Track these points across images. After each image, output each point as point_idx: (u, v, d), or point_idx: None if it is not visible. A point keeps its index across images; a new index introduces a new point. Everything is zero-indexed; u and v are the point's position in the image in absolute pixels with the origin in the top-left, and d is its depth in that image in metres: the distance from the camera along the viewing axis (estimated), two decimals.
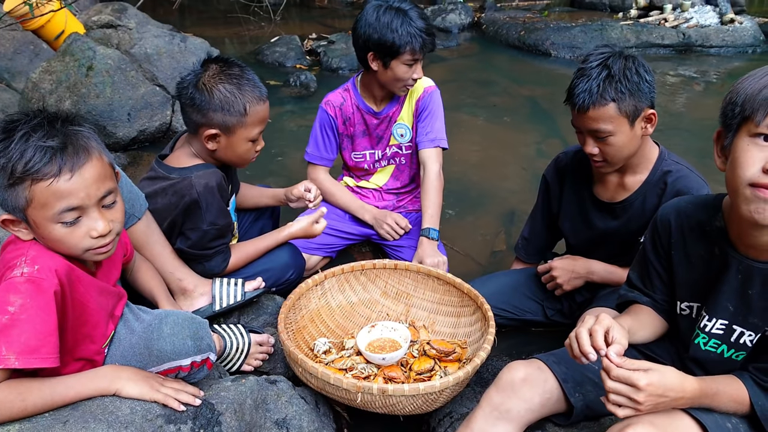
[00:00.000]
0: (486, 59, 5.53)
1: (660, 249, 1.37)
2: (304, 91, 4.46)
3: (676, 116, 4.14)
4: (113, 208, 1.24)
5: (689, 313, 1.35)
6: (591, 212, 1.83)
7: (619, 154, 1.64)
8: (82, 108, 3.18)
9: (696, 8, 5.74)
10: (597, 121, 1.58)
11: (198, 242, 1.75)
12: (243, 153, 1.76)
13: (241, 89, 1.68)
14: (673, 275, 1.36)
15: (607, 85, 1.54)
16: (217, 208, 1.72)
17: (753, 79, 1.07)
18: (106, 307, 1.31)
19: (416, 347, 1.76)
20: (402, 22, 2.07)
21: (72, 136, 1.17)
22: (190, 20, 6.95)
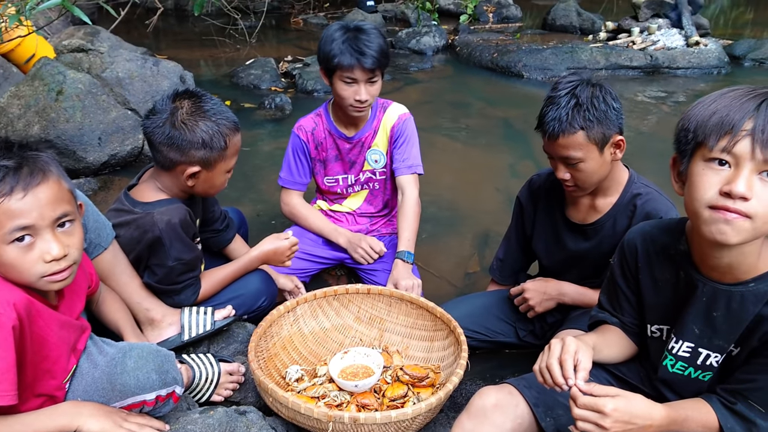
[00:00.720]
0: (460, 81, 5.59)
1: (628, 273, 1.39)
2: (279, 113, 4.46)
3: (646, 136, 4.23)
4: (70, 234, 1.21)
5: (660, 335, 1.36)
6: (564, 234, 1.85)
7: (589, 180, 1.67)
8: (51, 132, 3.14)
9: (662, 31, 5.89)
10: (567, 148, 1.61)
11: (165, 278, 1.71)
12: (220, 184, 1.76)
13: (219, 124, 1.65)
14: (642, 299, 1.37)
15: (575, 114, 1.57)
16: (182, 244, 1.67)
17: (703, 106, 1.09)
18: (68, 340, 1.28)
19: (389, 373, 1.74)
20: (345, 39, 2.07)
21: (29, 159, 1.16)
22: (165, 42, 6.93)
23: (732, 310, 1.19)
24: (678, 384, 1.33)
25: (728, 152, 1.03)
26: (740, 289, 1.17)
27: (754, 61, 5.89)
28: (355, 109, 2.17)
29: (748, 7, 9.47)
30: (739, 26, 8.01)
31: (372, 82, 2.13)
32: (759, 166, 1.02)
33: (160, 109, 1.66)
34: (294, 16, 8.11)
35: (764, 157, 1.00)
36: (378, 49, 2.07)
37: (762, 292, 1.15)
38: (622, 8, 8.23)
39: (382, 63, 2.10)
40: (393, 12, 7.99)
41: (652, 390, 1.39)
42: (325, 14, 8.16)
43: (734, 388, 1.22)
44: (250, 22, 7.05)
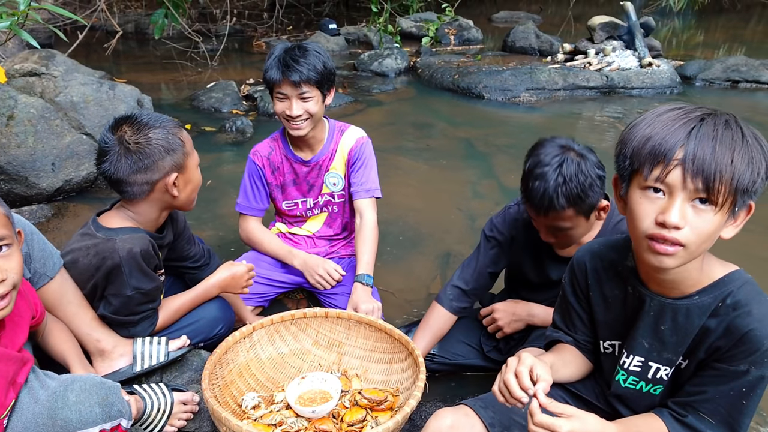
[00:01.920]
0: (422, 102, 5.65)
1: (578, 291, 1.40)
2: (240, 136, 4.43)
3: (603, 155, 4.30)
4: (7, 258, 1.18)
5: (612, 351, 1.38)
6: (548, 264, 1.86)
7: (575, 241, 1.73)
8: (2, 158, 3.05)
9: (617, 53, 6.07)
10: (555, 220, 1.64)
11: (123, 308, 1.65)
12: (197, 179, 1.76)
13: (164, 127, 1.65)
14: (593, 316, 1.39)
15: (561, 193, 1.57)
16: (141, 273, 1.63)
17: (637, 129, 1.11)
18: (6, 374, 1.23)
19: (348, 397, 1.72)
20: (278, 56, 2.09)
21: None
22: (125, 66, 6.85)
23: (678, 324, 1.21)
24: (631, 399, 1.34)
25: (661, 182, 1.06)
26: (685, 302, 1.19)
27: (704, 81, 6.11)
28: (290, 125, 2.15)
29: (699, 30, 9.85)
30: (690, 48, 8.31)
31: (304, 98, 2.11)
32: (691, 195, 1.04)
33: (108, 147, 1.62)
34: (257, 39, 8.12)
35: (695, 186, 1.03)
36: (308, 65, 2.06)
37: (706, 304, 1.18)
38: (580, 31, 8.48)
39: (312, 79, 2.07)
40: (356, 35, 8.07)
41: (607, 406, 1.40)
42: (287, 37, 8.19)
43: (684, 401, 1.23)
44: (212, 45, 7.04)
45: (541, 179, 1.59)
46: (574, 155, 1.60)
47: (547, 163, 1.59)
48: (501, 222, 1.91)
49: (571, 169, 1.57)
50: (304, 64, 2.05)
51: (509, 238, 1.90)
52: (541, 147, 1.65)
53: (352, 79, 6.26)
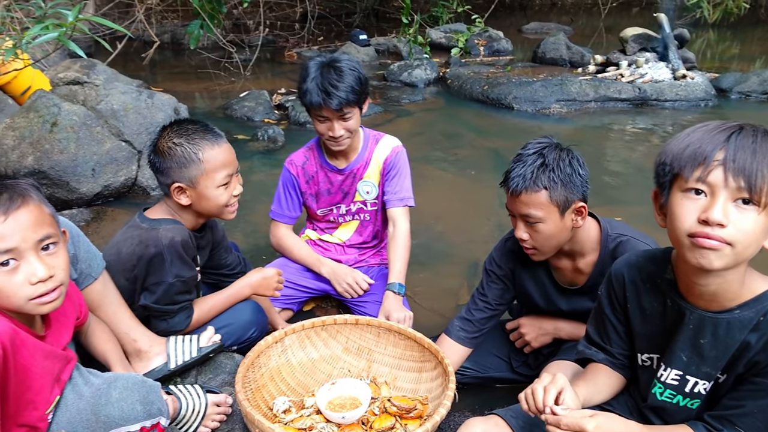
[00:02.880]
0: (451, 113, 5.67)
1: (616, 303, 1.40)
2: (272, 144, 4.50)
3: (636, 167, 4.28)
4: (55, 255, 1.22)
5: (650, 364, 1.37)
6: (555, 297, 1.84)
7: (548, 243, 1.65)
8: (45, 164, 3.16)
9: (650, 64, 6.01)
10: (528, 206, 1.60)
11: (164, 296, 1.74)
12: (216, 199, 1.77)
13: (191, 140, 1.73)
14: (631, 328, 1.39)
15: (540, 173, 1.57)
16: (181, 261, 1.73)
17: (677, 141, 1.15)
18: (52, 371, 1.28)
19: (377, 404, 1.74)
20: (315, 77, 2.09)
21: (8, 186, 1.18)
22: (161, 75, 7.02)
23: (718, 338, 1.20)
24: (667, 412, 1.34)
25: (703, 181, 1.07)
26: (726, 316, 1.19)
27: (740, 94, 6.00)
28: (332, 143, 2.20)
29: (734, 42, 9.68)
30: (726, 60, 8.18)
31: (344, 118, 2.14)
32: (733, 194, 1.05)
33: (155, 141, 1.78)
34: (288, 50, 8.24)
35: (737, 184, 1.04)
36: (346, 88, 2.07)
37: (747, 319, 1.17)
38: (611, 42, 8.41)
39: (352, 100, 2.09)
40: (385, 46, 8.14)
41: (642, 419, 1.40)
42: (318, 48, 8.29)
43: (721, 414, 1.23)
44: (245, 56, 7.16)
45: (521, 160, 1.61)
46: (559, 148, 1.62)
47: (529, 149, 1.63)
48: (499, 255, 1.89)
49: (553, 155, 1.59)
50: (343, 89, 2.06)
51: (510, 271, 1.87)
52: (530, 141, 1.67)
53: (381, 89, 6.31)
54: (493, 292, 1.88)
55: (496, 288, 1.88)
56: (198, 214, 1.82)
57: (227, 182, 1.78)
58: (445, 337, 1.92)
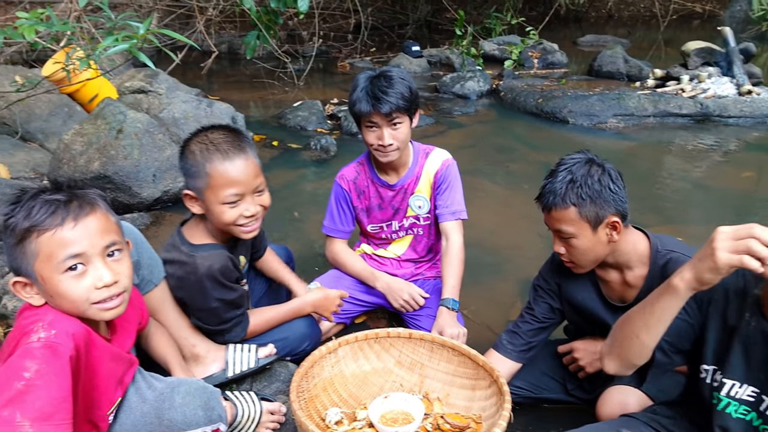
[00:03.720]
0: (504, 126, 5.62)
1: (698, 298, 1.34)
2: (324, 154, 4.55)
3: (697, 185, 4.14)
4: (120, 262, 1.26)
5: (705, 376, 1.33)
6: (603, 313, 1.79)
7: (583, 257, 1.65)
8: (110, 168, 3.28)
9: (713, 79, 5.82)
10: (560, 221, 1.61)
11: (212, 319, 1.76)
12: (219, 216, 1.66)
13: (204, 150, 1.63)
14: (704, 333, 1.34)
15: (569, 190, 1.58)
16: (221, 287, 1.72)
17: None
18: (116, 373, 1.32)
19: (430, 420, 1.72)
20: (365, 86, 2.10)
21: (78, 195, 1.23)
22: (217, 84, 7.21)
23: None
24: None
25: None
26: None
27: None
28: (381, 153, 2.18)
29: None
30: None
31: (394, 125, 2.13)
32: None
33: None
34: (341, 60, 8.33)
35: None
36: (396, 95, 2.07)
37: None
38: (671, 56, 8.19)
39: (402, 107, 2.09)
40: (438, 57, 8.14)
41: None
42: (371, 59, 8.36)
43: None
44: (298, 66, 7.28)
45: (552, 176, 1.63)
46: (592, 164, 1.61)
47: (562, 165, 1.64)
48: (546, 270, 1.90)
49: (581, 171, 1.59)
50: (392, 94, 2.07)
51: (556, 286, 1.86)
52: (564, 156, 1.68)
53: (433, 100, 6.31)
54: (540, 307, 1.88)
55: (542, 302, 1.88)
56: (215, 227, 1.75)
57: (234, 201, 1.65)
58: (492, 351, 1.91)
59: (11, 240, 1.19)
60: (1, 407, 1.08)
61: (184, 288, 1.73)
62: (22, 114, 4.14)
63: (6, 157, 3.71)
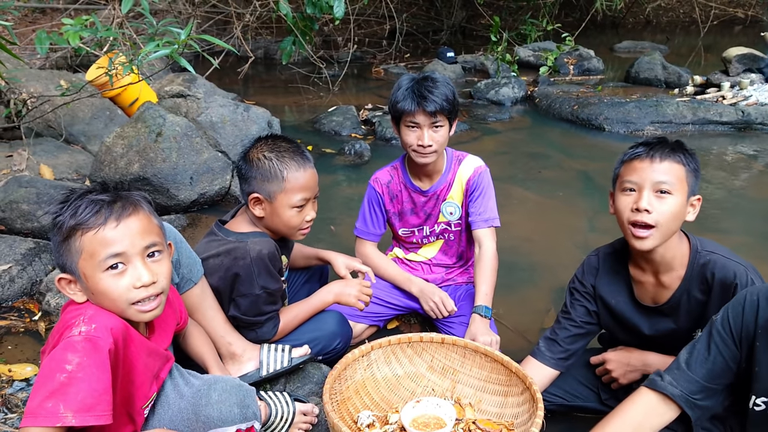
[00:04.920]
0: (538, 132, 5.57)
1: (737, 334, 1.30)
2: (358, 159, 4.58)
3: (737, 194, 4.04)
4: (159, 263, 1.29)
5: (765, 409, 1.28)
6: (635, 317, 1.76)
7: (669, 222, 1.56)
8: (149, 171, 3.36)
9: (755, 86, 5.67)
10: (667, 173, 1.55)
11: (250, 308, 1.79)
12: (288, 220, 1.82)
13: (280, 157, 1.79)
14: (752, 366, 1.29)
15: (679, 150, 1.59)
16: (268, 274, 1.78)
17: None
18: (152, 368, 1.35)
19: (461, 426, 1.72)
20: (409, 86, 2.13)
21: (123, 196, 1.27)
22: (253, 89, 7.32)
23: None
24: None
25: None
26: None
27: None
28: (419, 155, 2.18)
29: None
30: None
31: (436, 127, 2.15)
32: None
33: (246, 150, 1.85)
34: (375, 66, 8.38)
35: None
36: (441, 95, 2.10)
37: None
38: (710, 62, 8.01)
39: (446, 109, 2.12)
40: (472, 63, 8.11)
41: None
42: (405, 64, 8.39)
43: None
44: (333, 71, 7.35)
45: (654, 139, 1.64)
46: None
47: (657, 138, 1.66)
48: (581, 273, 1.87)
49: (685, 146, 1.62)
50: (438, 94, 2.10)
51: (591, 288, 1.83)
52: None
53: (468, 106, 6.29)
54: (577, 311, 1.85)
55: (579, 306, 1.85)
56: (269, 229, 1.87)
57: (302, 205, 1.81)
58: (530, 359, 1.88)
59: (58, 237, 1.24)
60: (45, 398, 1.12)
61: (228, 276, 1.77)
62: (66, 117, 4.27)
63: (50, 158, 3.83)
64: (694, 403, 1.34)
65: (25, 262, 2.61)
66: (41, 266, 2.65)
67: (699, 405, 1.34)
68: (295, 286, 2.25)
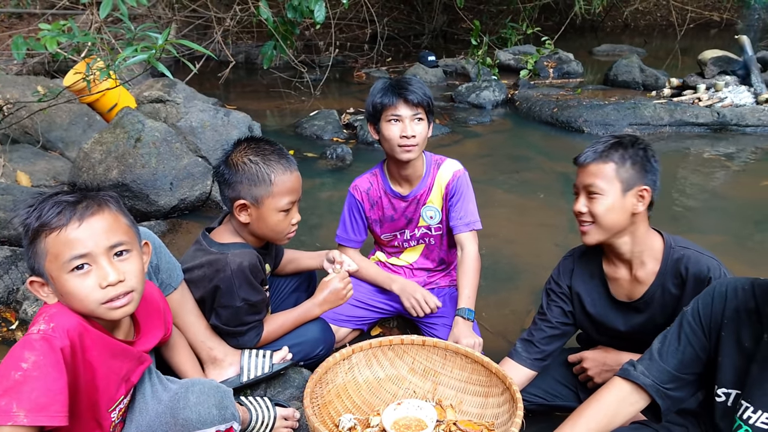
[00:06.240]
0: (519, 135, 5.62)
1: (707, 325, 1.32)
2: (340, 163, 4.58)
3: (714, 194, 4.11)
4: (127, 261, 1.28)
5: (725, 400, 1.30)
6: (611, 314, 1.80)
7: (604, 218, 1.66)
8: (128, 177, 3.33)
9: (730, 88, 5.77)
10: (594, 176, 1.66)
11: (232, 319, 1.78)
12: (275, 225, 1.80)
13: (266, 161, 1.76)
14: (717, 356, 1.32)
15: (612, 150, 1.65)
16: (249, 286, 1.76)
17: None
18: (118, 370, 1.32)
19: (443, 427, 1.72)
20: (387, 85, 2.18)
21: (89, 196, 1.25)
22: (234, 94, 7.29)
23: None
24: None
25: None
26: None
27: None
28: (403, 149, 2.17)
29: None
30: None
31: (417, 119, 2.17)
32: None
33: (228, 153, 1.81)
34: (357, 70, 8.39)
35: None
36: (420, 89, 2.17)
37: None
38: (687, 65, 8.13)
39: (425, 102, 2.17)
40: (453, 67, 8.16)
41: None
42: (387, 68, 8.41)
43: None
44: (315, 75, 7.34)
45: (598, 141, 1.71)
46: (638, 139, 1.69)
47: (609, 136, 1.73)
48: (557, 273, 1.90)
49: (629, 139, 1.67)
50: (417, 88, 2.16)
51: (567, 288, 1.86)
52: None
53: (449, 110, 6.33)
54: (553, 312, 1.87)
55: (555, 306, 1.87)
56: (254, 235, 1.85)
57: (288, 209, 1.80)
58: (507, 359, 1.90)
59: (26, 240, 1.23)
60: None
61: (210, 287, 1.75)
62: (44, 123, 4.22)
63: (27, 165, 3.78)
64: (664, 392, 1.36)
65: (1, 270, 2.58)
66: (18, 275, 2.61)
67: (669, 395, 1.37)
68: (282, 294, 2.24)
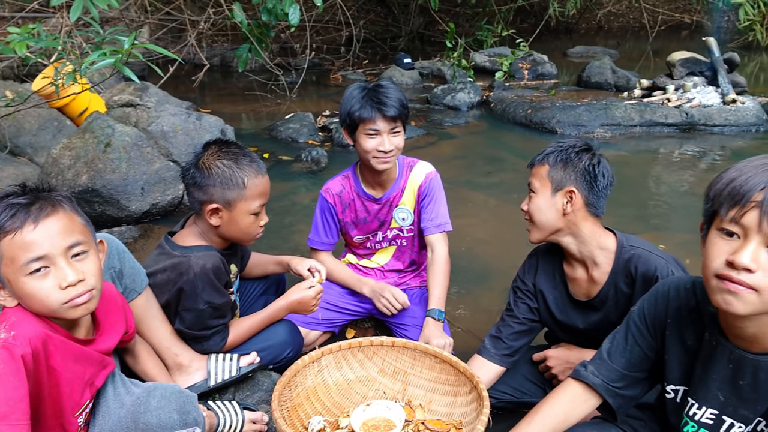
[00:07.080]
0: (494, 136, 5.66)
1: (652, 324, 1.36)
2: (315, 166, 4.58)
3: (682, 193, 4.18)
4: (85, 261, 1.27)
5: (674, 397, 1.33)
6: (570, 312, 1.85)
7: (535, 216, 1.75)
8: (98, 182, 3.30)
9: (698, 89, 5.88)
10: (534, 176, 1.76)
11: (195, 323, 1.77)
12: (246, 227, 1.82)
13: (239, 164, 1.76)
14: (663, 355, 1.35)
15: (552, 153, 1.72)
16: (212, 288, 1.75)
17: (726, 173, 1.11)
18: (82, 375, 1.31)
19: (411, 427, 1.73)
20: (364, 94, 2.15)
21: (41, 197, 1.24)
22: (209, 97, 7.25)
23: (759, 381, 1.16)
24: None
25: (736, 223, 1.04)
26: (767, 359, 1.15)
27: None
28: (380, 161, 2.19)
29: None
30: None
31: (394, 132, 2.18)
32: (767, 239, 1.02)
33: (198, 155, 1.80)
34: (333, 73, 8.39)
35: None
36: (398, 101, 2.14)
37: None
38: (658, 66, 8.27)
39: (402, 113, 2.16)
40: (429, 69, 8.20)
41: None
42: (363, 71, 8.42)
43: None
44: (291, 78, 7.33)
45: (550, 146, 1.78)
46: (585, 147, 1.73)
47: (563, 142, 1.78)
48: (523, 271, 1.95)
49: (570, 143, 1.73)
50: (395, 100, 2.14)
51: (532, 286, 1.90)
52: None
53: (424, 112, 6.36)
54: (520, 308, 1.91)
55: (522, 303, 1.91)
56: (223, 237, 1.85)
57: (259, 212, 1.83)
58: (476, 356, 1.93)
59: None
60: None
61: (174, 290, 1.75)
62: (12, 128, 4.15)
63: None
64: (615, 391, 1.39)
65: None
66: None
67: (620, 393, 1.39)
68: (250, 297, 2.23)
